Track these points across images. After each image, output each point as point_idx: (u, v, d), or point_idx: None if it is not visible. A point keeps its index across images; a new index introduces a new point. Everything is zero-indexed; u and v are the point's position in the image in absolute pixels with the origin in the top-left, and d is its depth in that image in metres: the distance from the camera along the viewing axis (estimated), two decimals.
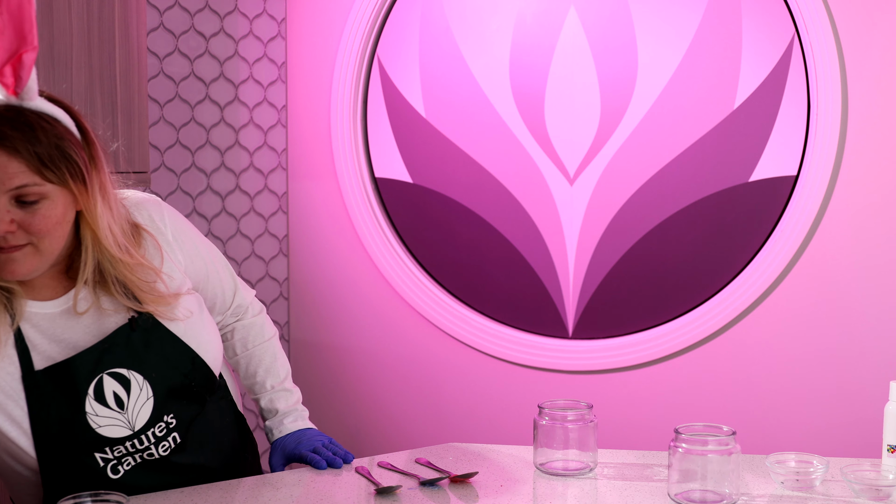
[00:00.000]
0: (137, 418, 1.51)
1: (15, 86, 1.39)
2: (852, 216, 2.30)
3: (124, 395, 1.49)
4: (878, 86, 2.23)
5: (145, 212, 1.57)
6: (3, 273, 1.39)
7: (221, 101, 3.34)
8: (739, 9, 2.41)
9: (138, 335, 1.51)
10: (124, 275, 1.48)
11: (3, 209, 1.35)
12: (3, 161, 1.34)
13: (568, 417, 1.61)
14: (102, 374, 1.48)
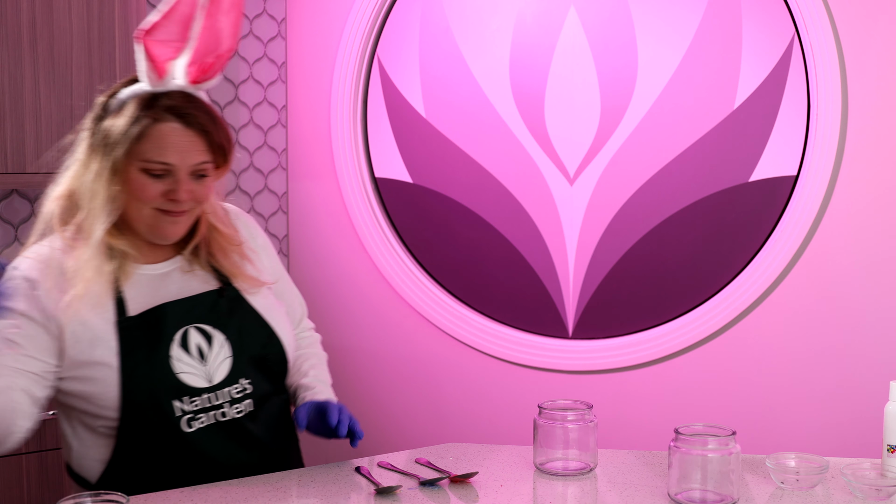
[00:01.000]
0: (216, 373, 1.61)
1: (201, 80, 1.59)
2: (852, 216, 2.30)
3: (206, 348, 1.61)
4: (878, 86, 2.23)
5: (240, 221, 1.78)
6: (165, 233, 1.59)
7: (221, 101, 3.34)
8: (739, 9, 2.41)
9: (224, 302, 1.65)
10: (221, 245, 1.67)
11: (186, 180, 1.57)
12: (193, 139, 1.56)
13: (568, 417, 1.61)
14: (189, 327, 1.60)
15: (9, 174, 2.68)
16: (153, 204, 1.56)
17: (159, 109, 1.55)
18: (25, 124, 2.68)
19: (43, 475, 2.52)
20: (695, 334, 2.54)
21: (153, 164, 1.54)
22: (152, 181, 1.56)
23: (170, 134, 1.55)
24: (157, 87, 1.57)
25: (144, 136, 1.54)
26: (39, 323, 1.53)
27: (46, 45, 2.70)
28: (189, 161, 1.56)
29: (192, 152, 1.57)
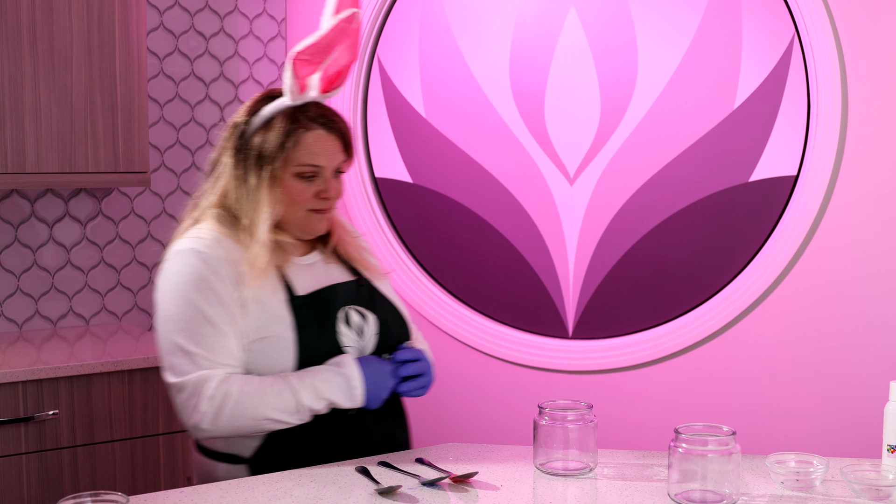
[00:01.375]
0: (367, 349, 1.81)
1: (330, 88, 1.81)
2: (852, 216, 2.29)
3: (364, 326, 1.81)
4: (878, 86, 2.23)
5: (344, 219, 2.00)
6: (315, 229, 1.82)
7: (221, 101, 3.34)
8: (739, 9, 2.41)
9: (364, 290, 1.86)
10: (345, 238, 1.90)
11: (331, 179, 1.80)
12: (335, 143, 1.78)
13: (568, 417, 1.61)
14: (350, 308, 1.81)
15: (9, 174, 2.68)
16: (307, 205, 1.78)
17: (306, 120, 1.76)
18: (25, 124, 2.68)
19: (43, 475, 2.52)
20: (695, 334, 2.54)
21: (305, 167, 1.76)
22: (305, 184, 1.77)
23: (317, 140, 1.76)
24: (297, 101, 1.78)
25: (297, 145, 1.75)
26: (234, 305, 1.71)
27: (46, 45, 2.70)
28: (334, 162, 1.79)
29: (336, 153, 1.78)
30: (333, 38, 1.80)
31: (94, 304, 3.14)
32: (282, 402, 1.68)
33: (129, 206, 3.18)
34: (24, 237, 3.01)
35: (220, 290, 1.70)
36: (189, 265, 1.71)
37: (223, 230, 1.76)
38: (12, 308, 3.01)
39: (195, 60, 3.28)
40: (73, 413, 2.54)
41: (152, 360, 2.63)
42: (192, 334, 1.68)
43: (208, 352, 1.68)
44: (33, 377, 2.47)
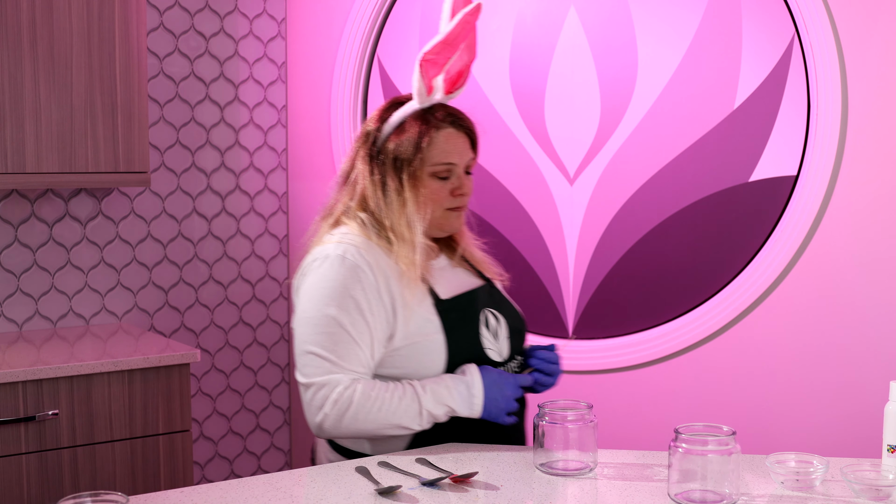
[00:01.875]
0: (503, 350, 1.88)
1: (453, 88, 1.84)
2: (852, 216, 2.29)
3: (498, 328, 1.88)
4: (878, 86, 2.23)
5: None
6: (452, 227, 1.88)
7: (221, 101, 3.34)
8: (739, 9, 2.41)
9: (495, 292, 1.94)
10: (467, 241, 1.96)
11: (464, 175, 1.85)
12: (464, 139, 1.84)
13: (568, 417, 1.61)
14: (487, 312, 1.88)
15: (9, 174, 2.68)
16: (445, 204, 1.83)
17: (436, 120, 1.82)
18: (25, 124, 2.68)
19: (43, 475, 2.52)
20: (695, 334, 2.54)
21: (440, 167, 1.81)
22: (441, 183, 1.82)
23: (448, 138, 1.82)
24: (425, 103, 1.83)
25: (431, 145, 1.80)
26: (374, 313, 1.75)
27: (46, 45, 2.70)
28: (465, 158, 1.84)
29: (466, 150, 1.84)
30: (459, 33, 1.81)
31: (94, 304, 3.14)
32: (404, 408, 1.74)
33: (129, 206, 3.18)
34: (24, 237, 3.01)
35: (360, 299, 1.74)
36: (334, 271, 1.75)
37: (369, 235, 1.80)
38: (12, 308, 3.01)
39: (195, 60, 3.28)
40: (73, 413, 2.54)
41: (152, 360, 2.63)
42: (327, 340, 1.73)
43: (339, 358, 1.74)
44: (33, 377, 2.47)
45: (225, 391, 3.42)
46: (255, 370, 3.48)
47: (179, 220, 3.28)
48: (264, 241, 3.46)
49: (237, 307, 3.42)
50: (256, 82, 3.39)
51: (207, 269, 3.35)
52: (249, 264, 3.44)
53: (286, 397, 3.56)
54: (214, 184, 3.35)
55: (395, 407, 1.73)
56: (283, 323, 3.53)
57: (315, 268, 1.77)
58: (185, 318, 3.32)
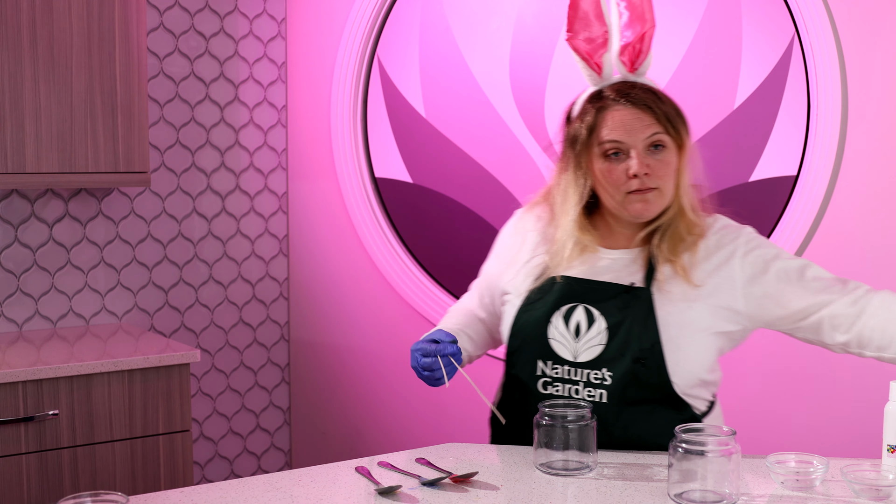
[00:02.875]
0: (582, 354, 1.71)
1: (634, 62, 1.74)
2: (852, 216, 2.29)
3: (584, 329, 1.72)
4: (879, 86, 2.23)
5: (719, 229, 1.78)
6: (635, 212, 1.70)
7: (221, 101, 3.34)
8: (739, 9, 2.41)
9: (628, 297, 1.71)
10: (676, 233, 1.72)
11: (640, 154, 1.67)
12: (640, 115, 1.68)
13: (568, 417, 1.61)
14: (579, 305, 1.73)
15: (9, 174, 2.68)
16: (620, 188, 1.69)
17: (605, 99, 1.71)
18: (25, 124, 2.68)
19: (43, 475, 2.52)
20: None
21: (606, 144, 1.69)
22: (611, 164, 1.69)
23: (615, 115, 1.69)
24: (600, 84, 1.75)
25: (597, 125, 1.70)
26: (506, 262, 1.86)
27: (46, 45, 2.70)
28: (638, 135, 1.68)
29: (639, 127, 1.68)
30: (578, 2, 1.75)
31: (94, 304, 3.14)
32: None
33: (129, 206, 3.19)
34: (24, 237, 3.01)
35: (500, 247, 1.91)
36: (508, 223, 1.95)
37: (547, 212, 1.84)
38: (12, 308, 3.01)
39: (195, 60, 3.28)
40: (73, 413, 2.54)
41: (152, 360, 2.63)
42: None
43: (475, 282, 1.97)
44: (33, 377, 2.47)
45: (225, 391, 3.42)
46: (255, 370, 3.48)
47: (179, 220, 3.28)
48: (264, 241, 3.46)
49: (237, 307, 3.42)
50: (256, 82, 3.39)
51: (207, 269, 3.35)
52: (249, 264, 3.44)
53: (286, 397, 3.56)
54: (214, 184, 3.35)
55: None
56: (282, 323, 3.53)
57: None
58: (185, 318, 3.32)
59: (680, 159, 1.72)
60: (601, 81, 1.76)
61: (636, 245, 1.76)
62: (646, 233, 1.74)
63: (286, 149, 3.47)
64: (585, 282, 1.73)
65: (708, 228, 1.75)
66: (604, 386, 1.69)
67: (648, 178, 1.67)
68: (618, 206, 1.71)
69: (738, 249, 1.73)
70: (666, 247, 1.71)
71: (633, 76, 1.75)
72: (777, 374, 2.43)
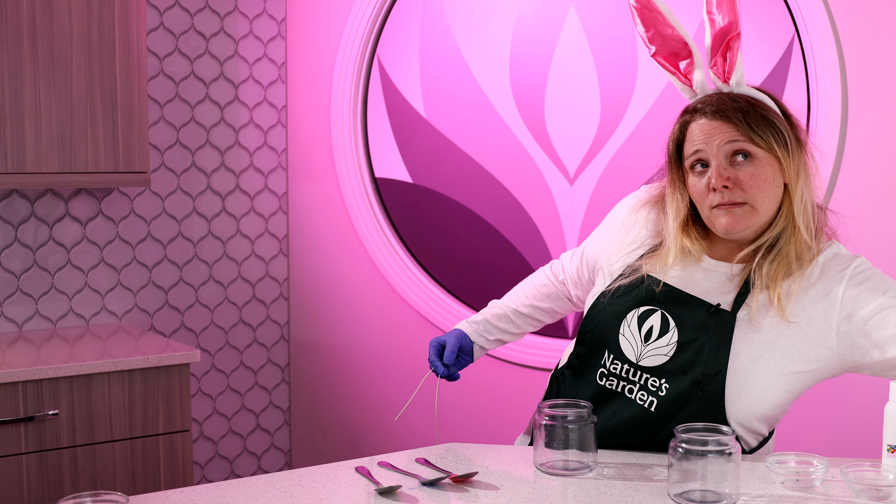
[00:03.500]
0: (645, 358, 1.67)
1: (726, 72, 1.68)
2: (852, 216, 2.29)
3: (655, 335, 1.67)
4: (879, 86, 2.23)
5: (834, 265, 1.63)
6: (719, 227, 1.63)
7: (221, 101, 3.34)
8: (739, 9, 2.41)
9: (709, 317, 1.64)
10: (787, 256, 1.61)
11: (720, 166, 1.60)
12: (720, 126, 1.61)
13: (568, 417, 1.61)
14: (659, 309, 1.68)
15: (9, 174, 2.68)
16: (707, 201, 1.63)
17: (690, 111, 1.67)
18: (25, 124, 2.68)
19: (43, 475, 2.52)
20: None
21: (689, 158, 1.66)
22: (697, 178, 1.64)
23: (696, 128, 1.65)
24: (693, 97, 1.71)
25: (683, 139, 1.68)
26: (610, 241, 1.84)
27: (46, 45, 2.70)
28: (714, 143, 1.61)
29: (717, 134, 1.61)
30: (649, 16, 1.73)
31: (94, 304, 3.14)
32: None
33: (129, 206, 3.19)
34: (24, 237, 3.01)
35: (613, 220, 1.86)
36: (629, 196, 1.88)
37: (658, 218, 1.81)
38: (12, 308, 3.01)
39: (195, 60, 3.28)
40: (73, 413, 2.54)
41: (152, 360, 2.63)
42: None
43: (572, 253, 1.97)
44: (33, 377, 2.47)
45: (225, 391, 3.42)
46: (255, 370, 3.48)
47: (179, 220, 3.28)
48: (264, 241, 3.46)
49: (237, 307, 3.42)
50: (256, 82, 3.39)
51: (207, 269, 3.35)
52: (249, 264, 3.44)
53: (286, 397, 3.56)
54: (214, 184, 3.35)
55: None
56: (282, 323, 3.53)
57: None
58: (185, 318, 3.32)
59: (786, 172, 1.62)
60: (694, 94, 1.71)
61: (739, 261, 1.66)
62: (751, 249, 1.64)
63: (286, 149, 3.47)
64: (674, 290, 1.67)
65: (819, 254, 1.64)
66: (658, 396, 1.65)
67: (731, 192, 1.59)
68: (707, 220, 1.66)
69: (843, 281, 1.60)
70: (768, 269, 1.61)
71: (729, 87, 1.68)
72: None
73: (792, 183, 1.62)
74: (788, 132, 1.64)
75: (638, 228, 1.80)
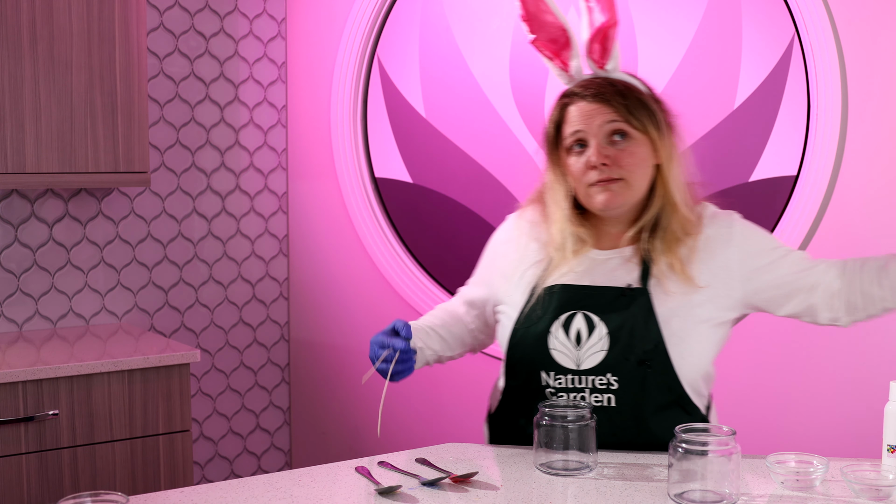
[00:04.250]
0: (585, 360, 1.70)
1: (601, 58, 1.74)
2: (852, 216, 2.29)
3: (585, 336, 1.70)
4: (879, 86, 2.23)
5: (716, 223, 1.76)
6: (595, 204, 1.70)
7: (221, 101, 3.34)
8: (739, 9, 2.41)
9: (625, 300, 1.70)
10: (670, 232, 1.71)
11: (599, 145, 1.68)
12: (599, 108, 1.68)
13: (568, 417, 1.61)
14: (578, 312, 1.71)
15: (9, 174, 2.68)
16: (585, 179, 1.69)
17: (568, 95, 1.73)
18: (25, 124, 2.68)
19: (43, 475, 2.52)
20: None
21: (567, 139, 1.71)
22: (575, 158, 1.71)
23: (575, 109, 1.71)
24: (569, 82, 1.77)
25: (562, 120, 1.73)
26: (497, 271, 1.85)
27: (46, 45, 2.70)
28: (594, 123, 1.68)
29: (597, 116, 1.68)
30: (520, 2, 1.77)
31: (94, 304, 3.14)
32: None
33: (129, 206, 3.19)
34: (24, 237, 3.01)
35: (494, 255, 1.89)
36: (499, 229, 1.94)
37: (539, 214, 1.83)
38: (12, 308, 3.01)
39: (195, 60, 3.28)
40: (73, 413, 2.55)
41: (152, 360, 2.63)
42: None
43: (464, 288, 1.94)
44: (33, 377, 2.47)
45: (225, 391, 3.42)
46: (255, 370, 3.48)
47: (179, 220, 3.29)
48: (264, 241, 3.46)
49: (237, 307, 3.42)
50: (256, 82, 3.39)
51: (207, 269, 3.35)
52: (249, 264, 3.44)
53: (286, 397, 3.56)
54: (214, 184, 3.35)
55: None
56: (282, 323, 3.53)
57: None
58: (185, 318, 3.32)
59: (659, 153, 1.72)
60: (571, 79, 1.77)
61: (626, 244, 1.75)
62: (635, 230, 1.73)
63: (286, 149, 3.47)
64: (581, 288, 1.72)
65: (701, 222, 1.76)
66: (611, 391, 1.69)
67: (609, 169, 1.67)
68: (584, 199, 1.72)
69: (733, 237, 1.74)
70: (660, 244, 1.71)
71: (604, 72, 1.76)
72: (777, 373, 2.43)
73: (665, 163, 1.72)
74: (661, 116, 1.73)
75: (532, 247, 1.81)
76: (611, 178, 1.67)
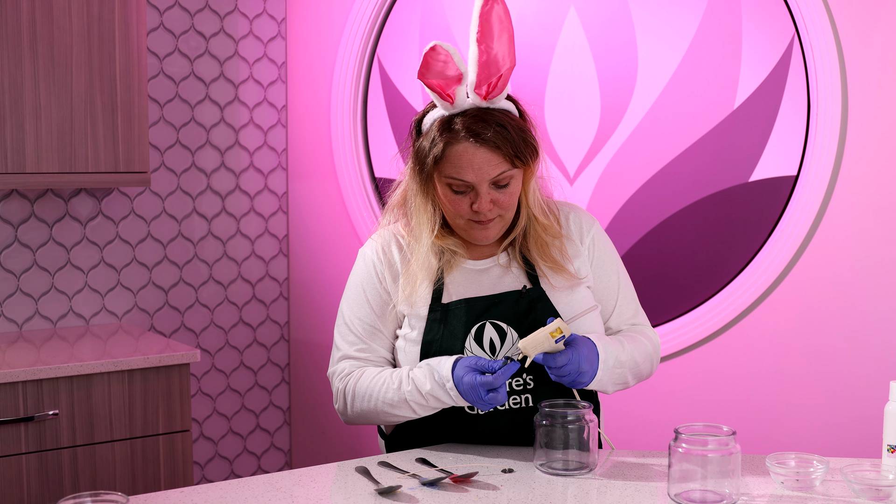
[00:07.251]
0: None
1: (491, 96, 1.73)
2: (852, 216, 2.30)
3: (498, 343, 1.74)
4: (878, 86, 2.23)
5: (571, 216, 1.86)
6: (477, 238, 1.76)
7: (221, 101, 3.34)
8: (739, 9, 2.41)
9: (525, 302, 1.76)
10: (538, 237, 1.78)
11: (485, 193, 1.70)
12: (487, 156, 1.68)
13: (568, 417, 1.61)
14: (486, 322, 1.75)
15: (9, 174, 2.68)
16: (465, 216, 1.73)
17: (454, 132, 1.70)
18: (25, 124, 2.68)
19: (43, 475, 2.52)
20: (695, 334, 2.54)
21: (454, 181, 1.71)
22: (457, 197, 1.72)
23: (464, 154, 1.69)
24: (452, 111, 1.74)
25: (443, 158, 1.70)
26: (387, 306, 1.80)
27: (46, 45, 2.70)
28: (485, 176, 1.69)
29: (487, 167, 1.69)
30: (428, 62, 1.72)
31: (94, 304, 3.14)
32: (390, 397, 1.74)
33: (129, 206, 3.19)
34: (24, 237, 3.01)
35: (370, 293, 1.81)
36: (357, 268, 1.85)
37: (402, 233, 1.82)
38: (12, 308, 3.01)
39: (195, 60, 3.28)
40: (73, 413, 2.55)
41: (152, 360, 2.63)
42: (341, 331, 1.84)
43: (346, 347, 1.82)
44: (33, 377, 2.47)
45: (225, 391, 3.42)
46: (255, 370, 3.48)
47: (179, 220, 3.29)
48: (264, 241, 3.46)
49: (237, 307, 3.42)
50: (256, 82, 3.40)
51: (207, 269, 3.35)
52: (249, 264, 3.44)
53: (286, 397, 3.56)
54: (214, 184, 3.35)
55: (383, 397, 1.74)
56: (282, 323, 3.53)
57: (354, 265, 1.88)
58: (185, 318, 3.32)
59: (526, 178, 1.76)
60: (453, 109, 1.74)
61: (502, 251, 1.81)
62: (508, 242, 1.81)
63: (286, 149, 3.47)
64: (481, 299, 1.76)
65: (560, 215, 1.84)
66: (528, 391, 1.76)
67: (492, 211, 1.72)
68: (460, 229, 1.77)
69: (595, 241, 1.85)
70: (534, 248, 1.79)
71: (487, 103, 1.74)
72: (777, 374, 2.43)
73: (527, 184, 1.78)
74: (533, 139, 1.76)
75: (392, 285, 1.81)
76: (491, 218, 1.73)
